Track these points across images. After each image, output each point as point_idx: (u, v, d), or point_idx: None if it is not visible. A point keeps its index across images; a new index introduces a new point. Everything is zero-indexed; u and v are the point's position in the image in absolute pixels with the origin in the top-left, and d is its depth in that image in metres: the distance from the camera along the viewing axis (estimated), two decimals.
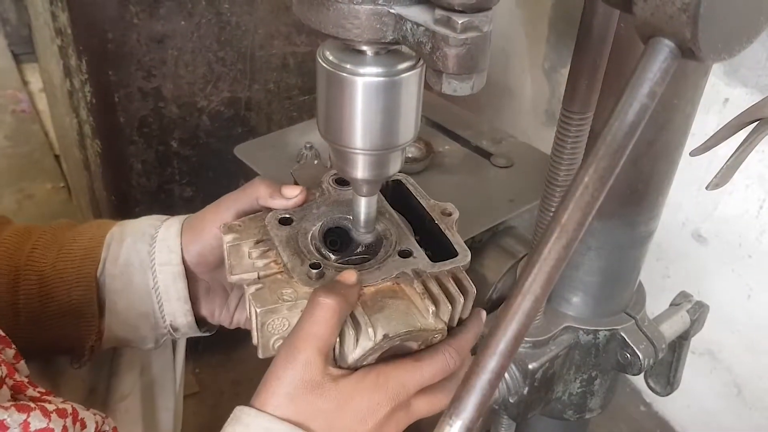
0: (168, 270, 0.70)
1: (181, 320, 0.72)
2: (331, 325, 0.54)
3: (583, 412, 0.84)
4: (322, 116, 0.55)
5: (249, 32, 1.39)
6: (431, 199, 0.68)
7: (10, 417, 0.50)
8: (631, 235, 0.73)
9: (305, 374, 0.54)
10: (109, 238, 0.72)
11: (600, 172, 0.33)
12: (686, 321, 0.85)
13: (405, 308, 0.57)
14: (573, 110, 0.61)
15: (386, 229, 0.65)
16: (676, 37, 0.33)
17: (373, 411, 0.55)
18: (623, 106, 0.33)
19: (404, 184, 0.70)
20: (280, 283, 0.59)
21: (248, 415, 0.54)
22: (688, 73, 0.64)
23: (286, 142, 1.17)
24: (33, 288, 0.70)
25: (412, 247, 0.62)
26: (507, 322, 0.34)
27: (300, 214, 0.65)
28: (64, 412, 0.55)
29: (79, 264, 0.71)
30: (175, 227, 0.71)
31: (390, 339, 0.56)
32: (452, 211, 0.67)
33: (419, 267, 0.60)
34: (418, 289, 0.58)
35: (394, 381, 0.56)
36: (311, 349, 0.54)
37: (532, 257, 0.34)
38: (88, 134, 1.43)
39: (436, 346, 0.59)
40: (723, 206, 1.35)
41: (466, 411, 0.33)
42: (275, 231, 0.63)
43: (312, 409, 0.54)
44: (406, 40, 0.45)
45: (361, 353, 0.56)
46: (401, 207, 0.69)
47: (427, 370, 0.57)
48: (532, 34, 1.71)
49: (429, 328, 0.57)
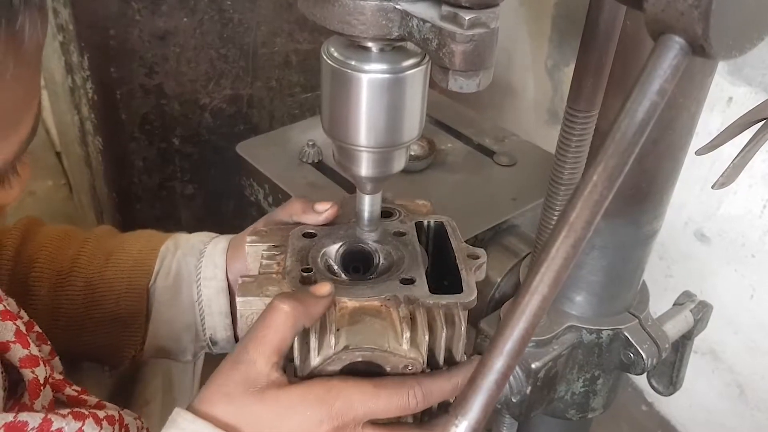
0: (212, 285, 0.72)
1: (221, 334, 0.74)
2: (282, 330, 0.52)
3: (585, 411, 0.84)
4: (327, 113, 0.55)
5: (251, 29, 1.38)
6: (463, 242, 0.66)
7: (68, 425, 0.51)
8: (635, 235, 0.73)
9: (248, 376, 0.52)
10: (163, 250, 0.74)
11: (609, 170, 0.33)
12: (690, 321, 0.84)
13: (380, 328, 0.55)
14: (578, 108, 0.61)
15: (401, 259, 0.63)
16: (686, 33, 0.32)
17: (313, 427, 0.51)
18: (633, 104, 0.33)
19: (446, 226, 0.69)
20: (270, 281, 0.59)
21: (184, 420, 0.51)
22: (694, 72, 0.63)
23: (288, 140, 1.17)
24: (78, 294, 0.71)
25: (416, 277, 0.60)
26: (514, 321, 0.33)
27: (325, 232, 0.66)
28: (113, 419, 0.56)
29: (129, 274, 0.72)
30: (222, 244, 0.73)
31: (350, 351, 0.53)
32: (480, 255, 0.65)
33: (414, 294, 0.58)
34: (401, 313, 0.56)
35: (342, 400, 0.51)
36: (257, 352, 0.52)
37: (540, 256, 0.34)
38: (90, 131, 1.42)
39: (404, 378, 0.54)
40: (726, 206, 1.35)
41: (472, 411, 0.33)
42: (294, 241, 0.64)
43: (249, 413, 0.51)
44: (412, 37, 0.45)
45: (321, 361, 0.54)
46: (439, 249, 0.68)
47: (383, 399, 0.52)
48: (534, 32, 1.70)
49: (398, 353, 0.54)
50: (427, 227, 0.70)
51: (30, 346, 0.55)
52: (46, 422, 0.50)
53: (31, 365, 0.54)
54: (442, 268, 0.65)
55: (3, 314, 0.55)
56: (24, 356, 0.54)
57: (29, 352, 0.55)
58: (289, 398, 0.51)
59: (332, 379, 0.53)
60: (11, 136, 0.44)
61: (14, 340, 0.54)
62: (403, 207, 0.71)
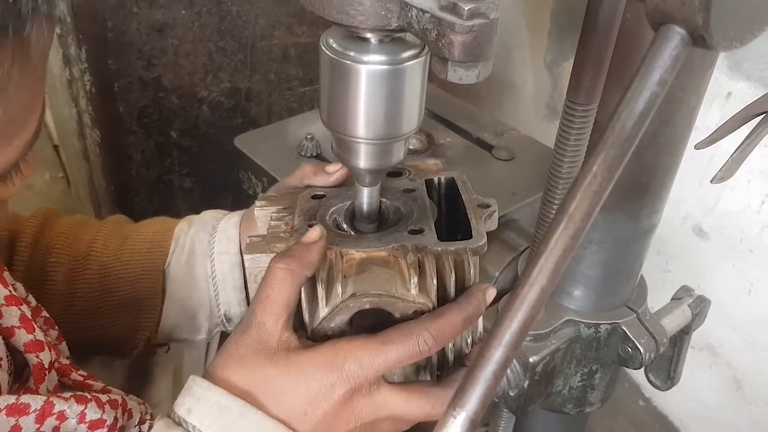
0: (226, 259, 0.72)
1: (235, 309, 0.73)
2: (284, 288, 0.52)
3: (583, 405, 0.84)
4: (325, 105, 0.54)
5: (250, 22, 1.38)
6: (474, 194, 0.66)
7: (70, 408, 0.52)
8: (633, 229, 0.73)
9: (259, 338, 0.51)
10: (178, 230, 0.75)
11: (609, 161, 0.33)
12: (688, 315, 0.84)
13: (387, 275, 0.55)
14: (577, 101, 0.61)
15: (410, 212, 0.63)
16: (687, 24, 0.32)
17: (326, 393, 0.50)
18: (633, 94, 0.33)
19: (457, 181, 0.68)
20: (278, 239, 0.59)
21: (200, 387, 0.51)
22: (694, 65, 0.63)
23: (287, 133, 1.17)
24: (93, 277, 0.72)
25: (425, 227, 0.60)
26: (513, 312, 0.33)
27: (333, 193, 0.66)
28: (116, 403, 0.56)
29: (145, 256, 0.73)
30: (234, 219, 0.74)
31: (357, 298, 0.53)
32: (491, 203, 0.65)
33: (422, 243, 0.57)
34: (409, 260, 0.55)
35: (351, 361, 0.50)
36: (264, 313, 0.52)
37: (539, 247, 0.34)
38: (88, 124, 1.42)
39: (410, 325, 0.52)
40: (724, 201, 1.35)
41: (470, 403, 0.33)
42: (302, 202, 0.64)
43: (261, 375, 0.51)
44: (411, 27, 0.44)
45: (329, 311, 0.53)
46: (451, 205, 0.67)
47: (393, 352, 0.51)
48: (533, 26, 1.70)
49: (406, 298, 0.53)
50: (438, 184, 0.69)
51: (35, 331, 0.55)
52: (48, 405, 0.50)
53: (35, 350, 0.55)
54: (455, 224, 0.65)
55: (8, 299, 0.55)
56: (28, 341, 0.55)
57: (34, 336, 0.55)
58: (299, 362, 0.51)
59: (339, 341, 0.52)
60: (15, 141, 0.44)
61: (19, 325, 0.55)
62: (414, 167, 0.71)
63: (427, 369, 0.60)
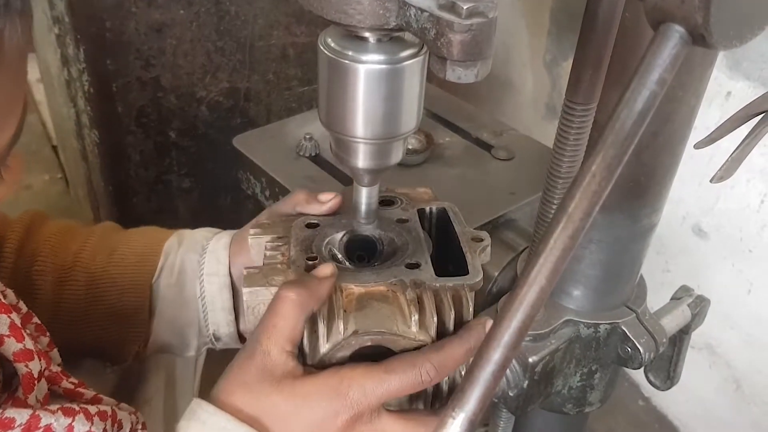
0: (215, 280, 0.71)
1: (223, 330, 0.73)
2: (292, 317, 0.52)
3: (582, 406, 0.84)
4: (323, 104, 0.54)
5: (248, 22, 1.38)
6: (467, 227, 0.66)
7: (56, 421, 0.50)
8: (633, 229, 0.73)
9: (264, 366, 0.52)
10: (167, 246, 0.73)
11: (608, 160, 0.33)
12: (687, 315, 0.84)
13: (388, 312, 0.55)
14: (576, 101, 0.60)
15: (405, 244, 0.63)
16: (687, 22, 0.32)
17: (330, 420, 0.51)
18: (632, 93, 0.33)
19: (448, 211, 0.68)
20: (276, 271, 0.59)
21: (205, 412, 0.51)
22: (693, 65, 0.63)
23: (286, 133, 1.17)
24: (80, 289, 0.71)
25: (421, 261, 0.60)
26: (512, 313, 0.33)
27: (328, 222, 0.66)
28: (105, 415, 0.55)
29: (133, 269, 0.72)
30: (224, 240, 0.73)
31: (359, 335, 0.53)
32: (484, 238, 0.65)
33: (420, 278, 0.58)
34: (409, 297, 0.56)
35: (356, 389, 0.51)
36: (270, 342, 0.52)
37: (538, 247, 0.33)
38: (86, 124, 1.42)
39: (413, 356, 0.53)
40: (724, 200, 1.35)
41: (469, 403, 0.33)
42: (297, 231, 0.64)
43: (266, 402, 0.51)
44: (410, 26, 0.44)
45: (330, 347, 0.54)
46: (443, 235, 0.67)
47: (395, 382, 0.52)
48: (533, 26, 1.70)
49: (407, 335, 0.54)
50: (430, 214, 0.69)
51: (24, 340, 0.55)
52: (34, 418, 0.49)
53: (25, 359, 0.54)
54: (447, 254, 0.65)
55: None
56: (18, 350, 0.54)
57: (23, 345, 0.54)
58: (305, 390, 0.51)
59: (343, 369, 0.52)
60: None
61: (8, 334, 0.54)
62: (405, 195, 0.71)
63: (421, 398, 0.60)
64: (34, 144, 2.56)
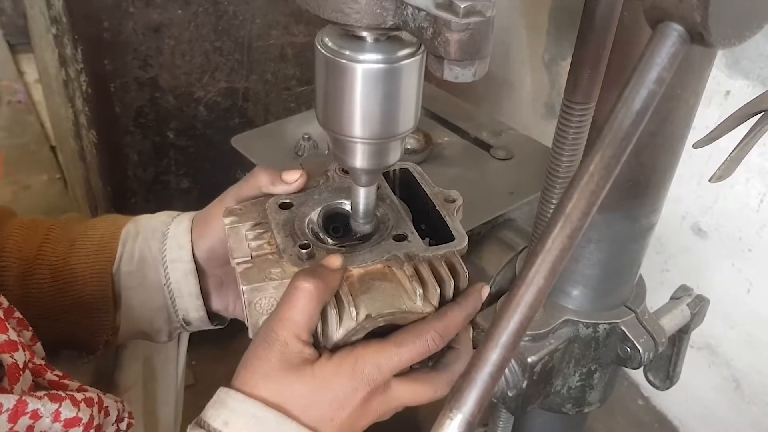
0: (179, 267, 0.71)
1: (193, 315, 0.73)
2: (309, 309, 0.54)
3: (582, 405, 0.83)
4: (321, 104, 0.54)
5: (246, 22, 1.37)
6: (436, 187, 0.67)
7: (44, 406, 0.51)
8: (632, 228, 0.73)
9: (282, 356, 0.54)
10: (124, 234, 0.73)
11: (606, 160, 0.32)
12: (686, 315, 0.84)
13: (392, 290, 0.57)
14: (575, 101, 0.60)
15: (385, 215, 0.64)
16: (685, 21, 0.32)
17: (350, 398, 0.55)
18: (630, 93, 0.32)
19: (411, 173, 0.69)
20: (270, 263, 0.59)
21: (234, 399, 0.53)
22: (692, 64, 0.63)
23: (284, 133, 1.16)
24: (45, 282, 0.70)
25: (407, 232, 0.62)
26: (509, 313, 0.33)
27: (301, 200, 0.65)
28: (91, 401, 0.56)
29: (93, 259, 0.71)
30: (184, 224, 0.72)
31: (373, 319, 0.56)
32: (456, 198, 0.66)
33: (412, 250, 0.59)
34: (408, 272, 0.58)
35: (371, 365, 0.55)
36: (287, 333, 0.54)
37: (536, 247, 0.33)
38: (84, 124, 1.41)
39: (419, 327, 0.57)
40: (723, 200, 1.35)
41: (467, 404, 0.33)
42: (274, 215, 0.64)
43: (288, 390, 0.54)
44: (407, 26, 0.44)
45: (344, 333, 0.56)
46: (408, 196, 0.68)
47: (406, 353, 0.56)
48: (531, 26, 1.70)
49: (415, 310, 0.57)
50: (393, 176, 0.70)
51: (8, 332, 0.55)
52: (21, 403, 0.49)
53: (9, 350, 0.54)
54: (415, 214, 0.66)
55: None
56: (2, 341, 0.54)
57: (7, 337, 0.54)
58: (323, 373, 0.54)
59: (357, 348, 0.55)
60: None
61: None
62: None
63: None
64: (32, 144, 2.55)
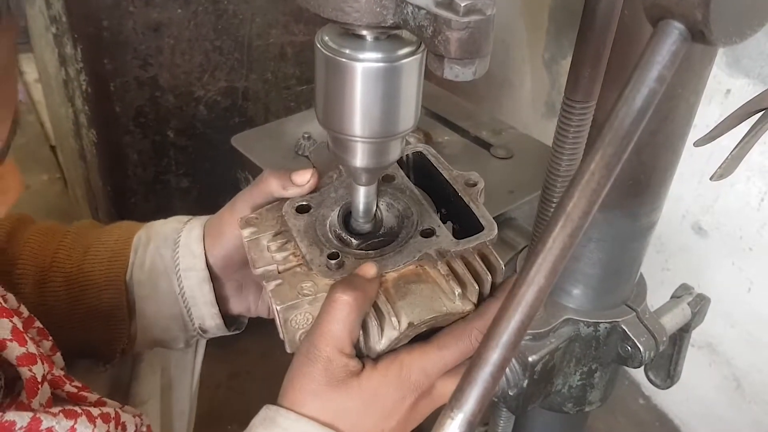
0: (193, 275, 0.70)
1: (209, 323, 0.72)
2: (350, 321, 0.52)
3: (582, 405, 0.83)
4: (321, 103, 0.54)
5: (246, 21, 1.37)
6: (454, 170, 0.64)
7: (58, 423, 0.50)
8: (632, 227, 0.73)
9: (327, 371, 0.53)
10: (136, 242, 0.72)
11: (606, 158, 0.32)
12: (687, 313, 0.84)
13: (429, 293, 0.55)
14: (575, 99, 0.60)
15: (407, 208, 0.61)
16: (686, 19, 0.32)
17: (398, 406, 0.54)
18: (631, 91, 0.32)
19: (426, 156, 0.66)
20: (300, 277, 0.57)
21: (286, 419, 0.52)
22: (692, 62, 0.63)
23: (284, 133, 1.16)
24: (60, 289, 0.70)
25: (434, 225, 0.59)
26: (510, 313, 0.33)
27: (318, 200, 0.63)
28: (108, 417, 0.55)
29: (107, 266, 0.71)
30: (196, 231, 0.71)
31: (415, 327, 0.54)
32: (477, 180, 0.63)
33: (442, 246, 0.57)
34: (443, 271, 0.55)
35: (417, 372, 0.54)
36: (330, 348, 0.53)
37: (537, 246, 0.33)
38: (84, 124, 1.41)
39: (462, 328, 0.56)
40: (723, 199, 1.35)
41: (468, 404, 0.33)
42: (293, 221, 0.61)
43: (338, 406, 0.53)
44: (407, 24, 0.44)
45: (387, 344, 0.54)
46: (424, 181, 0.65)
47: (449, 356, 0.55)
48: (531, 25, 1.70)
49: (456, 311, 0.55)
50: (407, 161, 0.67)
51: (27, 344, 0.54)
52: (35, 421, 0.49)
53: (28, 363, 0.53)
54: (435, 200, 0.64)
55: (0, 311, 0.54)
56: (21, 354, 0.53)
57: (26, 349, 0.54)
58: (370, 384, 0.53)
59: (401, 354, 0.55)
60: None
61: (11, 338, 0.53)
62: None
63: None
64: (32, 144, 2.55)
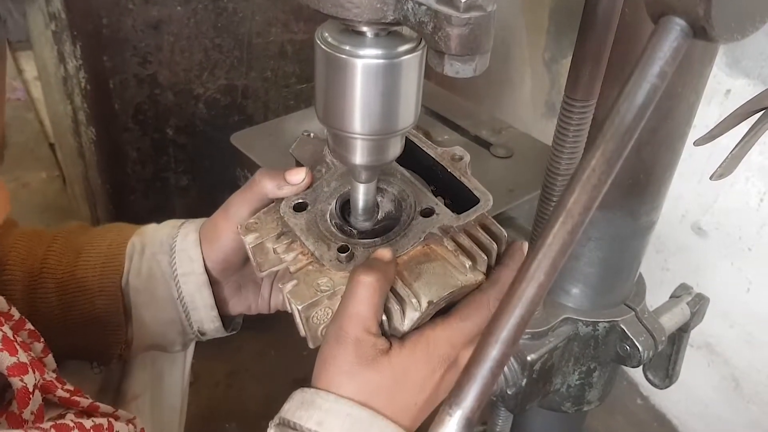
0: (191, 280, 0.70)
1: (208, 326, 0.73)
2: (374, 302, 0.54)
3: (581, 404, 0.83)
4: (321, 100, 0.54)
5: (246, 19, 1.37)
6: (438, 147, 0.66)
7: None
8: (632, 226, 0.73)
9: (357, 352, 0.54)
10: (130, 248, 0.71)
11: (607, 154, 0.32)
12: (686, 313, 0.84)
13: (441, 270, 0.57)
14: (576, 98, 0.60)
15: (402, 191, 0.63)
16: (688, 15, 0.32)
17: (429, 379, 0.56)
18: (632, 87, 0.32)
19: (409, 138, 0.66)
20: (314, 274, 0.58)
21: (326, 400, 0.53)
22: (693, 61, 0.63)
23: (284, 131, 1.16)
24: (52, 295, 0.69)
25: (432, 204, 0.61)
26: (510, 309, 0.33)
27: (312, 196, 0.64)
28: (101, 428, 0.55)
29: (100, 272, 0.70)
30: (192, 236, 0.71)
31: (435, 304, 0.56)
32: (462, 154, 0.64)
33: (445, 223, 0.59)
34: (450, 247, 0.57)
35: (443, 345, 0.56)
36: (358, 329, 0.54)
37: (537, 243, 0.33)
38: (83, 121, 1.41)
39: (479, 298, 0.58)
40: (723, 199, 1.35)
41: (466, 400, 0.32)
42: (293, 220, 0.62)
43: (371, 386, 0.54)
44: (407, 20, 0.44)
45: (410, 324, 0.56)
46: (409, 162, 0.66)
47: (471, 326, 0.57)
48: (532, 24, 1.69)
49: (469, 283, 0.57)
50: None
51: (18, 353, 0.53)
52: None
53: (19, 373, 0.52)
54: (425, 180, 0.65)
55: None
56: (12, 364, 0.52)
57: (17, 359, 0.52)
58: (400, 361, 0.55)
59: (425, 330, 0.56)
60: None
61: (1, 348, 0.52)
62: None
63: None
64: (31, 142, 2.55)
